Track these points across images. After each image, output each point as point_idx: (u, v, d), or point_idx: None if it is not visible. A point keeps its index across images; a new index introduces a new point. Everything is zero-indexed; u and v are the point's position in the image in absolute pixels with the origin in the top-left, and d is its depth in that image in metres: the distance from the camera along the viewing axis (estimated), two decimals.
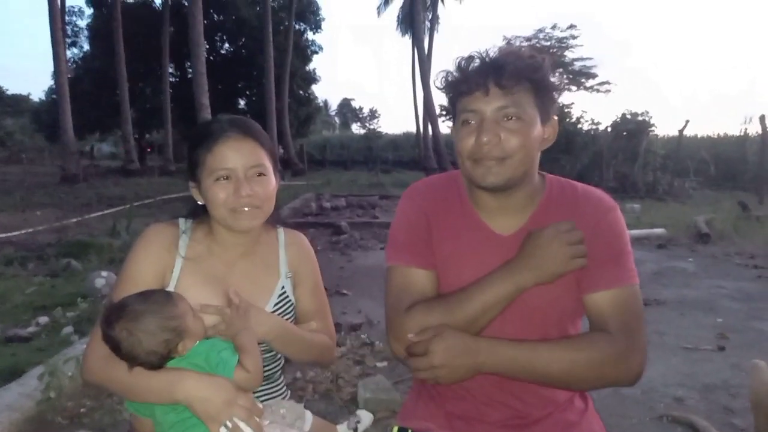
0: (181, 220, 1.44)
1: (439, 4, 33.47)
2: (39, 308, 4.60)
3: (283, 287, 1.45)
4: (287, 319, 1.43)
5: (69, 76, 21.46)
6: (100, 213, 11.10)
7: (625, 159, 16.05)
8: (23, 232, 8.67)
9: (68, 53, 27.26)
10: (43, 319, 4.25)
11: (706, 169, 17.40)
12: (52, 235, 8.47)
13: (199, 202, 1.39)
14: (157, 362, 1.16)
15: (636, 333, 1.19)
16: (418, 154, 30.42)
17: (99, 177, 21.68)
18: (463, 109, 1.24)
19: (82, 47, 31.82)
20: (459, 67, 1.24)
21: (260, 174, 1.35)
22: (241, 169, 1.32)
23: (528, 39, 28.66)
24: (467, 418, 1.35)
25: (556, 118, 1.29)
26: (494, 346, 1.17)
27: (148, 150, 33.27)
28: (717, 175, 17.54)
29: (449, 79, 1.26)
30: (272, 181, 1.38)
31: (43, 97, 36.43)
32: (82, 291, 4.96)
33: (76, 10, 31.70)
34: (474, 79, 1.20)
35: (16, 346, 3.72)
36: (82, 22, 31.96)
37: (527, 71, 1.19)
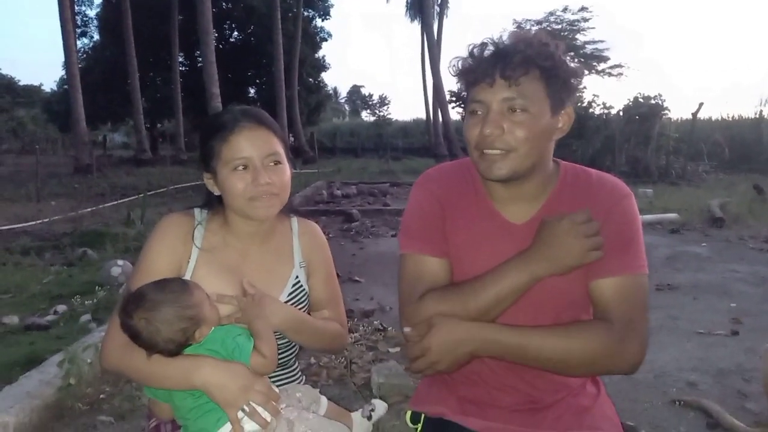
0: (197, 211, 1.45)
1: None
2: (56, 297, 4.68)
3: (297, 276, 1.46)
4: (300, 308, 1.44)
5: (80, 66, 21.55)
6: (113, 203, 11.20)
7: (638, 143, 15.90)
8: (39, 222, 8.78)
9: (79, 43, 27.37)
10: (61, 308, 4.32)
11: (720, 152, 17.18)
12: (67, 224, 8.57)
13: (216, 193, 1.40)
14: (175, 349, 1.19)
15: (636, 323, 1.18)
16: (428, 141, 30.31)
17: (112, 167, 21.84)
18: (472, 98, 1.23)
19: (92, 37, 32.01)
20: (469, 55, 1.23)
21: (276, 162, 1.36)
22: (257, 158, 1.33)
23: (539, 22, 28.38)
24: (479, 402, 1.36)
25: (570, 107, 1.25)
26: (487, 332, 1.18)
27: (160, 140, 33.42)
28: (731, 158, 17.31)
29: (460, 67, 1.25)
30: (287, 170, 1.40)
31: (55, 88, 36.65)
32: (99, 279, 5.03)
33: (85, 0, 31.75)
34: (481, 68, 1.19)
35: (34, 335, 3.79)
36: (92, 12, 32.11)
37: (536, 59, 1.16)
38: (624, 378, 3.00)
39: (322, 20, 33.85)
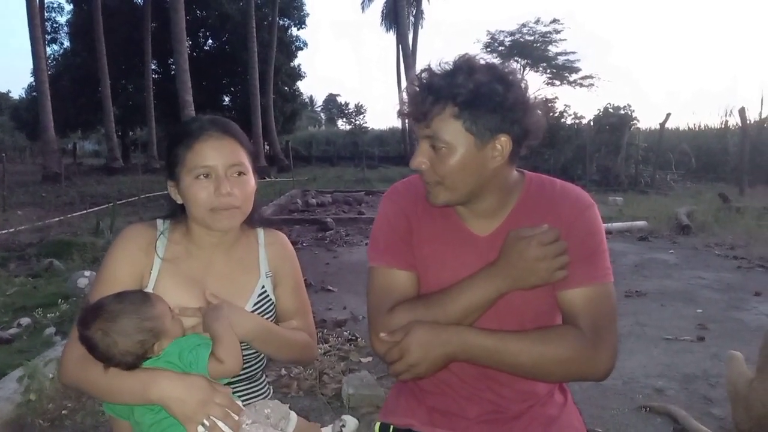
0: (159, 221, 1.43)
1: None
2: (20, 309, 4.53)
3: (263, 286, 1.45)
4: (267, 318, 1.43)
5: (49, 72, 21.16)
6: (82, 212, 10.95)
7: (608, 152, 16.23)
8: (4, 232, 8.54)
9: (48, 50, 26.89)
10: (25, 320, 4.19)
11: (687, 161, 17.62)
12: (33, 234, 8.36)
13: (178, 202, 1.39)
14: (133, 362, 1.16)
15: (605, 331, 1.20)
16: (404, 150, 30.45)
17: (82, 175, 21.44)
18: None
19: (62, 44, 31.48)
20: (405, 89, 1.25)
21: (240, 173, 1.35)
22: (221, 167, 1.31)
23: (511, 34, 28.83)
24: (448, 413, 1.37)
25: (505, 135, 1.17)
26: (464, 334, 1.18)
27: (132, 148, 32.91)
28: (698, 167, 17.77)
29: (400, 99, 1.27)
30: (251, 182, 1.39)
31: (23, 95, 35.86)
32: (65, 291, 4.90)
33: (55, 6, 31.19)
34: (404, 107, 1.23)
35: None
36: (62, 18, 31.56)
37: (450, 96, 1.13)
38: (592, 385, 3.05)
39: (298, 29, 33.85)
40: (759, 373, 2.37)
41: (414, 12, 32.76)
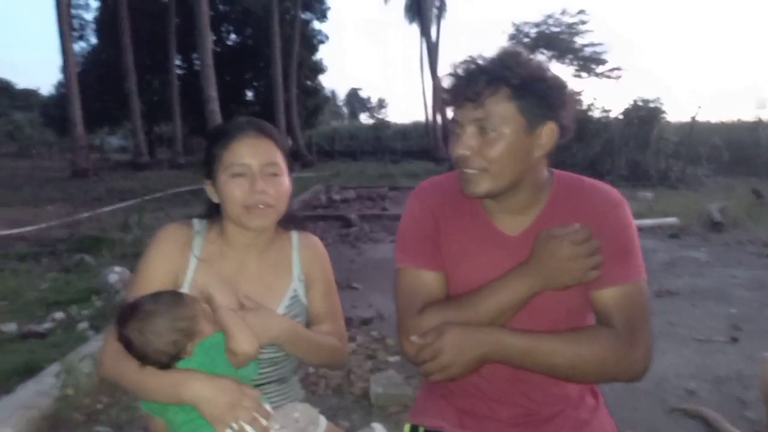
0: (195, 221, 1.45)
1: None
2: (53, 304, 4.66)
3: (295, 290, 1.46)
4: (298, 322, 1.43)
5: (77, 69, 21.54)
6: (111, 207, 11.16)
7: (637, 146, 15.91)
8: (35, 227, 8.75)
9: (76, 47, 27.31)
10: (59, 315, 4.30)
11: (719, 155, 17.19)
12: (64, 230, 8.54)
13: (214, 201, 1.41)
14: (167, 362, 1.18)
15: (640, 330, 1.18)
16: (427, 144, 30.33)
17: (109, 171, 21.83)
18: (452, 117, 1.24)
19: (89, 40, 31.97)
20: (448, 75, 1.23)
21: (274, 174, 1.37)
22: (256, 165, 1.34)
23: (537, 25, 28.44)
24: (478, 415, 1.36)
25: (552, 122, 1.19)
26: (498, 335, 1.18)
27: (157, 143, 33.41)
28: (730, 161, 17.33)
29: (441, 85, 1.25)
30: (286, 182, 1.40)
31: (53, 91, 36.60)
32: (96, 286, 5.02)
33: (82, 3, 31.83)
34: (452, 89, 1.20)
35: (32, 343, 3.77)
36: (89, 16, 32.18)
37: (505, 78, 1.14)
38: (623, 386, 3.01)
39: (320, 23, 33.94)
40: None
41: (437, 4, 32.53)
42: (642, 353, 1.17)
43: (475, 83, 1.15)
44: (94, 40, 31.49)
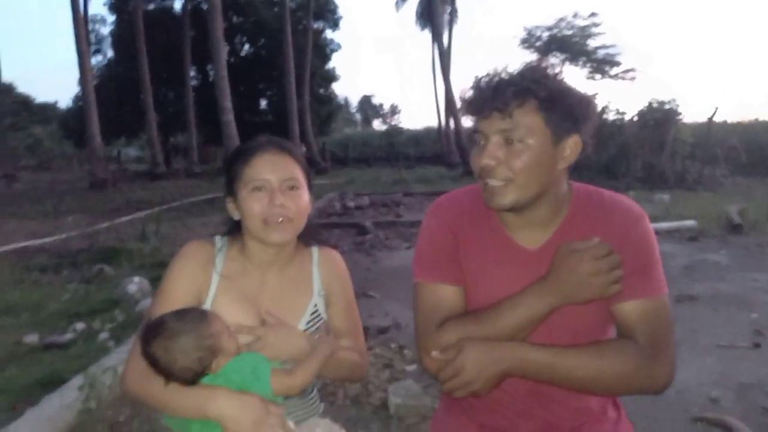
0: (217, 238, 1.47)
1: None
2: (74, 315, 4.73)
3: (315, 305, 1.47)
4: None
5: (94, 82, 21.89)
6: (128, 217, 11.29)
7: (653, 148, 15.70)
8: (55, 238, 8.88)
9: (93, 60, 27.77)
10: (80, 326, 4.36)
11: (737, 156, 16.92)
12: (83, 240, 8.66)
13: (235, 218, 1.43)
14: (192, 379, 1.20)
15: (663, 344, 1.18)
16: (440, 149, 30.28)
17: (127, 181, 22.09)
18: (474, 128, 1.24)
19: (105, 54, 32.49)
20: (472, 86, 1.24)
21: (293, 187, 1.39)
22: (275, 180, 1.36)
23: (549, 28, 28.32)
24: (499, 430, 1.36)
25: (577, 135, 1.21)
26: (519, 351, 1.18)
27: (173, 153, 33.74)
28: (748, 162, 17.04)
29: (465, 97, 1.26)
30: (305, 197, 1.42)
31: (71, 104, 37.15)
32: (115, 297, 5.08)
33: (98, 18, 32.43)
34: (478, 100, 1.20)
35: (54, 354, 3.83)
36: (105, 30, 32.63)
37: (532, 90, 1.15)
38: (644, 396, 2.96)
39: (332, 31, 34.12)
40: None
41: (449, 10, 32.54)
42: (665, 368, 1.17)
43: (503, 94, 1.16)
44: (110, 53, 32.02)
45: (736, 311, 4.68)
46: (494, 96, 1.17)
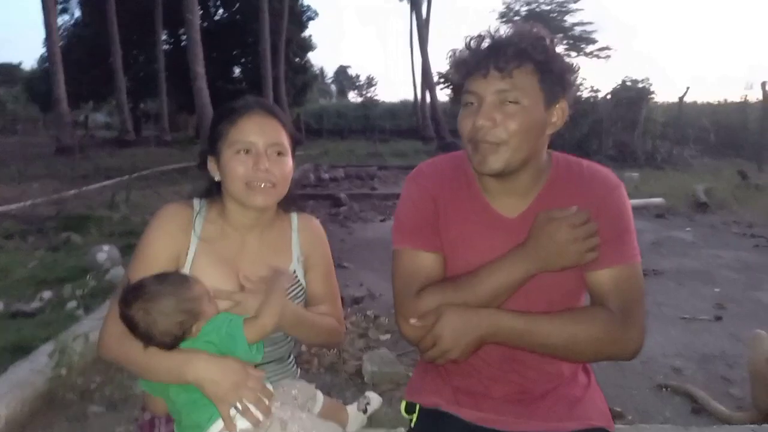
0: (196, 200, 1.44)
1: None
2: (42, 282, 4.62)
3: (294, 271, 1.46)
4: (297, 303, 1.44)
5: (61, 44, 21.07)
6: (97, 185, 11.01)
7: (625, 127, 15.95)
8: (22, 204, 8.63)
9: (59, 20, 26.68)
10: (47, 294, 4.27)
11: (706, 137, 17.30)
12: (50, 207, 8.45)
13: (216, 178, 1.40)
14: (171, 342, 1.19)
15: (635, 311, 1.21)
16: (415, 123, 30.19)
17: (95, 148, 21.50)
18: (465, 90, 1.23)
19: (73, 14, 31.24)
20: (465, 47, 1.23)
21: (279, 153, 1.37)
22: (262, 144, 1.34)
23: (527, 3, 28.25)
24: (474, 393, 1.38)
25: (565, 101, 1.25)
26: (496, 317, 1.19)
27: (143, 119, 32.93)
28: (717, 143, 17.43)
29: (456, 57, 1.25)
30: (290, 163, 1.40)
31: (36, 66, 35.83)
32: (84, 265, 4.98)
33: None
34: (475, 60, 1.19)
35: (21, 321, 3.75)
36: None
37: (530, 52, 1.16)
38: (611, 364, 3.06)
39: None
40: None
41: None
42: (636, 333, 1.20)
43: (504, 53, 1.15)
44: (78, 13, 30.80)
45: (699, 285, 4.84)
46: (494, 55, 1.16)
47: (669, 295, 4.52)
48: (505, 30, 1.21)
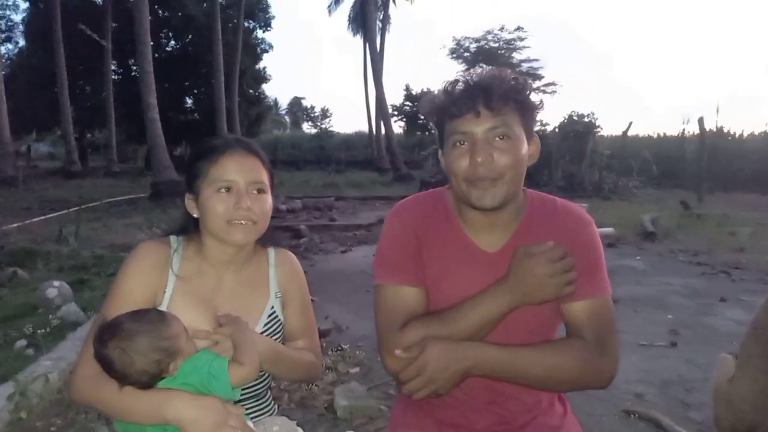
0: (173, 238, 1.43)
1: (391, 3, 33.56)
2: None
3: (272, 307, 1.46)
4: (276, 339, 1.43)
5: (3, 73, 20.34)
6: (42, 217, 10.56)
7: (572, 159, 16.59)
8: None
9: (2, 49, 25.88)
10: None
11: (649, 168, 18.14)
12: None
13: (194, 215, 1.39)
14: (148, 381, 1.16)
15: (609, 340, 1.27)
16: (371, 154, 30.44)
17: (38, 179, 20.67)
18: (453, 131, 1.26)
19: (17, 43, 30.31)
20: (446, 91, 1.27)
21: (260, 191, 1.38)
22: (243, 183, 1.34)
23: (477, 41, 29.23)
24: (457, 425, 1.40)
25: (536, 136, 1.34)
26: (480, 350, 1.22)
27: (89, 150, 31.93)
28: (659, 174, 18.31)
29: (436, 102, 1.29)
30: (269, 200, 1.41)
31: None
32: (33, 302, 4.74)
33: (10, 3, 30.07)
34: (464, 101, 1.23)
35: None
36: (18, 17, 30.48)
37: (513, 93, 1.24)
38: (579, 393, 3.11)
39: (263, 31, 33.45)
40: (739, 370, 2.47)
41: (381, 16, 32.84)
42: (611, 362, 1.26)
43: (495, 93, 1.21)
44: (22, 42, 29.89)
45: (653, 312, 5.01)
46: (484, 95, 1.21)
47: (627, 322, 4.66)
48: (481, 73, 1.27)
